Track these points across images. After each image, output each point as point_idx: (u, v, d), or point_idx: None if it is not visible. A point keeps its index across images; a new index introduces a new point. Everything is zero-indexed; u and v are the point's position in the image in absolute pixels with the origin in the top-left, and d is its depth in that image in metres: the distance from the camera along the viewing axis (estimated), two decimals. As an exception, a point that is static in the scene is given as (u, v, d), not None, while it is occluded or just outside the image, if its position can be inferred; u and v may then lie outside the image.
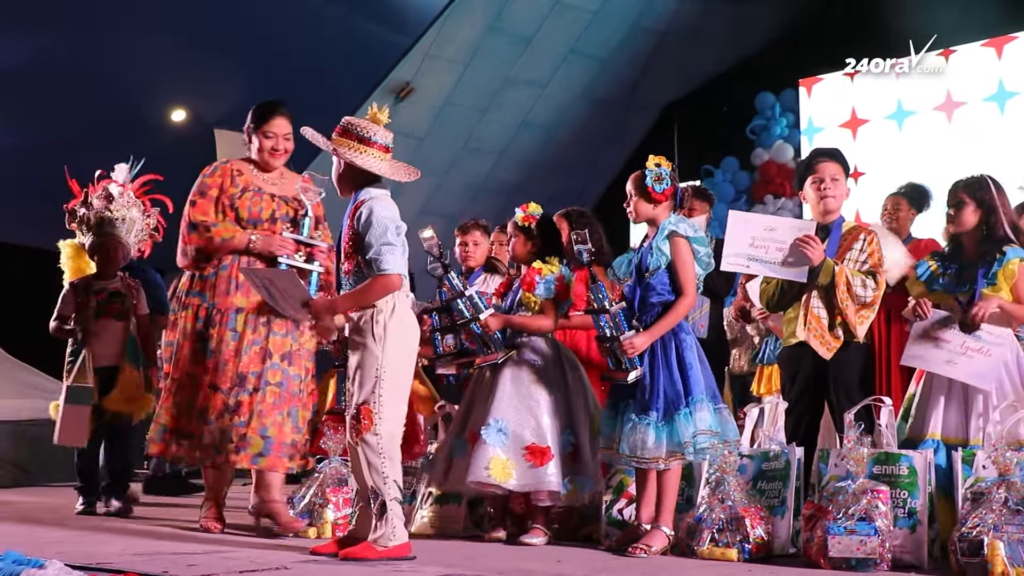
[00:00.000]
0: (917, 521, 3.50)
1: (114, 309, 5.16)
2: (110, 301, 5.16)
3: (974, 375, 3.75)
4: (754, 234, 4.02)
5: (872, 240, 4.07)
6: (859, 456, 3.47)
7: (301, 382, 4.17)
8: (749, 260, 4.04)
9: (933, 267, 4.01)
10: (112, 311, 5.14)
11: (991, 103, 8.78)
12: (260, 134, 4.27)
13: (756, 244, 4.01)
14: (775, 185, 10.24)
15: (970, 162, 8.19)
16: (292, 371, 4.14)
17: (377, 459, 3.35)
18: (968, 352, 3.75)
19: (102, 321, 5.11)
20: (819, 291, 4.02)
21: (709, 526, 3.61)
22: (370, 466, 3.36)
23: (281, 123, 4.28)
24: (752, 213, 4.77)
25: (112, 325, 5.12)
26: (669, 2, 10.14)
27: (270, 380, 4.08)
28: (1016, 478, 3.27)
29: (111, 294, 5.19)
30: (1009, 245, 3.86)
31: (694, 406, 3.64)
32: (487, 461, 3.91)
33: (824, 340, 4.00)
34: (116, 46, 8.60)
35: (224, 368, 4.05)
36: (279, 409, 4.08)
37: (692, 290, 3.76)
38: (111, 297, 5.18)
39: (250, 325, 4.10)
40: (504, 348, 4.05)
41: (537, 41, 9.82)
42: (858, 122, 9.57)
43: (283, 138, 4.28)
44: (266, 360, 4.08)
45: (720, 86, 11.09)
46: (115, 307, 5.16)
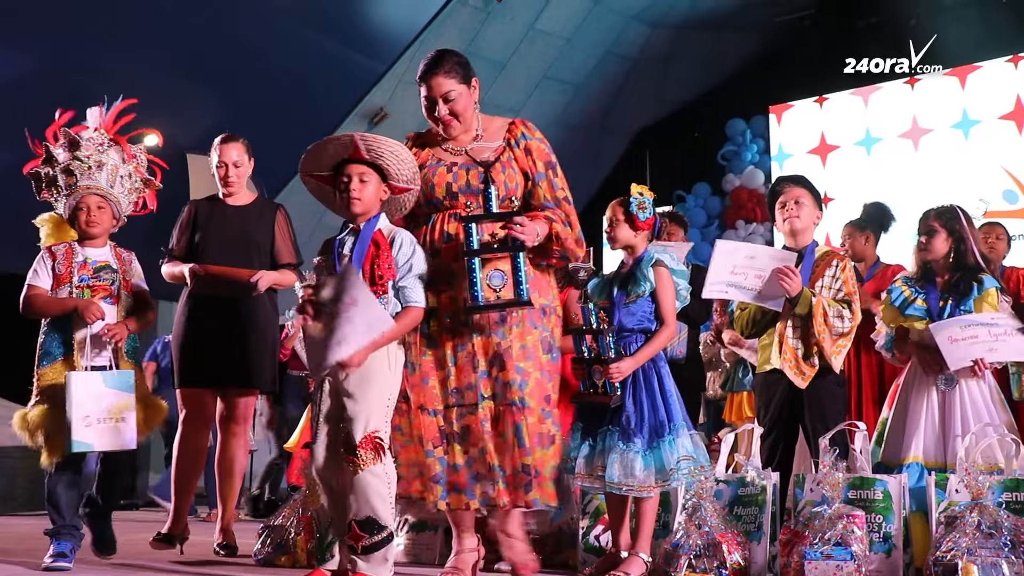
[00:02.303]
0: (892, 545, 3.52)
1: (103, 288, 3.98)
2: (98, 277, 3.99)
3: (1018, 351, 3.90)
4: (736, 262, 4.06)
5: (845, 267, 4.11)
6: (834, 481, 3.50)
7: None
8: (728, 286, 4.08)
9: (906, 293, 4.07)
10: (101, 290, 3.97)
11: (956, 130, 8.94)
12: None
13: (736, 271, 4.05)
14: (746, 210, 10.36)
15: (936, 187, 8.38)
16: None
17: (385, 489, 3.19)
18: (999, 337, 3.87)
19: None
20: (793, 320, 4.05)
21: (686, 552, 3.60)
22: (378, 497, 3.18)
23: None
24: (738, 243, 4.81)
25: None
26: (641, 29, 10.27)
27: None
28: (988, 502, 3.31)
29: (98, 268, 4.01)
30: (983, 274, 3.98)
31: (675, 432, 3.64)
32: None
33: (799, 370, 4.04)
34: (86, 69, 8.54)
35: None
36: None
37: (673, 320, 3.78)
38: (99, 272, 4.00)
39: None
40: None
41: (511, 67, 9.90)
42: (827, 148, 9.71)
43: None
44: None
45: (692, 112, 11.23)
46: (104, 285, 3.99)
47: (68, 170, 4.05)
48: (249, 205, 4.65)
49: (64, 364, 3.88)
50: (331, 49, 9.20)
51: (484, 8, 9.27)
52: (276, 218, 4.63)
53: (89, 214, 4.00)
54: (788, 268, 3.99)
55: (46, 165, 4.10)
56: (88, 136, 4.11)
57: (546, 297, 3.54)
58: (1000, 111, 8.73)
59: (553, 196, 3.52)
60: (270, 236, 4.58)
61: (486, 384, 3.37)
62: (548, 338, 3.49)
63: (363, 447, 3.16)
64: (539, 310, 3.46)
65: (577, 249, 3.58)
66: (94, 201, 4.02)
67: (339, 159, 3.35)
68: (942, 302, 3.98)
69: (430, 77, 3.50)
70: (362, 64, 9.35)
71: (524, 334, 3.41)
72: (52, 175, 4.09)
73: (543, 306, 3.50)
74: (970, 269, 3.99)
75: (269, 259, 4.56)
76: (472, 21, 9.36)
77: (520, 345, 3.40)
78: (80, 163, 4.04)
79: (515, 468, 3.35)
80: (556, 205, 3.52)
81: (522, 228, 3.30)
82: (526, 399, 3.36)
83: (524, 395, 3.36)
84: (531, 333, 3.43)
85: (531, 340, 3.42)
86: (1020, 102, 8.64)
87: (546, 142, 3.61)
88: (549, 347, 3.48)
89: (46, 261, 3.98)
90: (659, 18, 10.19)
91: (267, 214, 4.62)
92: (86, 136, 4.11)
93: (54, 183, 4.10)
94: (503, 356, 3.37)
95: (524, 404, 3.35)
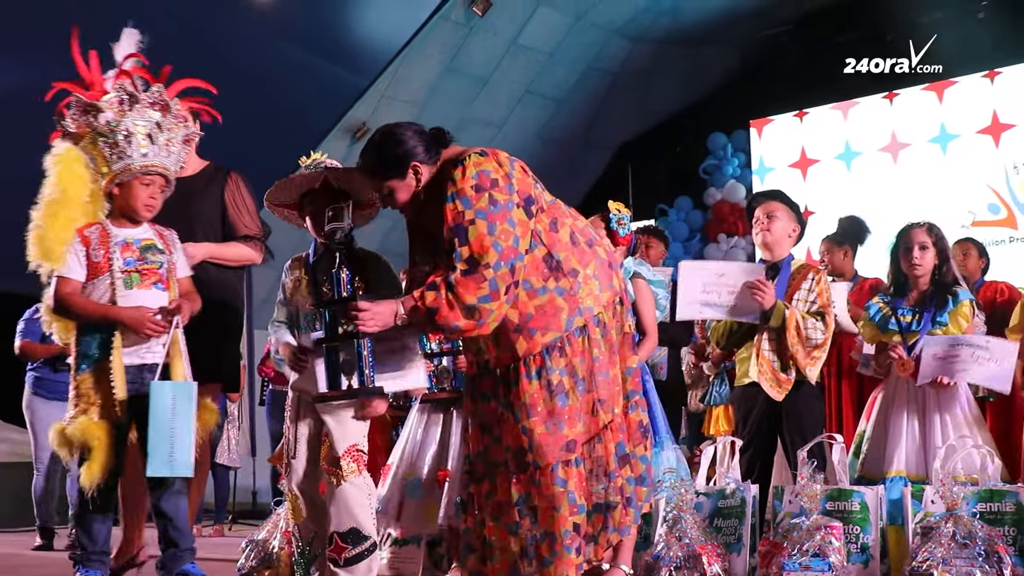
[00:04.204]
0: (870, 556, 3.56)
1: (151, 271, 3.32)
2: (144, 259, 3.33)
3: (990, 378, 3.92)
4: (706, 280, 4.08)
5: (820, 279, 4.15)
6: (812, 493, 3.54)
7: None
8: (702, 306, 4.10)
9: (884, 309, 4.11)
10: (150, 274, 3.32)
11: (935, 145, 9.04)
12: None
13: (708, 290, 4.07)
14: (728, 224, 10.42)
15: (915, 201, 8.46)
16: None
17: (367, 500, 3.26)
18: (980, 360, 3.89)
19: (136, 294, 3.29)
20: (769, 333, 4.08)
21: (667, 564, 3.63)
22: (360, 507, 3.24)
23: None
24: (703, 261, 4.88)
25: (153, 301, 3.29)
26: (623, 44, 10.34)
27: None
28: (963, 512, 3.35)
29: (144, 248, 3.35)
30: (958, 287, 4.05)
31: (660, 446, 3.68)
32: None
33: (775, 383, 4.07)
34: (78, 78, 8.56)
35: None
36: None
37: (654, 331, 3.82)
38: (144, 254, 3.34)
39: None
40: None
41: (493, 82, 9.94)
42: (808, 162, 9.79)
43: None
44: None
45: (674, 126, 11.29)
46: (153, 268, 3.32)
47: (122, 133, 3.31)
48: (194, 175, 3.90)
49: (103, 367, 3.24)
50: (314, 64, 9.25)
51: (466, 24, 9.32)
52: (226, 185, 3.93)
53: (152, 195, 3.37)
54: (760, 281, 4.02)
55: (87, 115, 3.35)
56: (150, 96, 3.39)
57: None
58: (977, 126, 8.84)
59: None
60: (219, 207, 3.90)
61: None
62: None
63: (345, 459, 3.21)
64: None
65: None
66: (159, 182, 3.40)
67: (305, 189, 3.39)
68: (917, 315, 4.03)
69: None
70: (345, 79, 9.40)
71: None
72: (101, 129, 3.32)
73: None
74: (948, 284, 4.06)
75: (220, 234, 3.89)
76: (454, 37, 9.41)
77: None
78: (134, 127, 3.33)
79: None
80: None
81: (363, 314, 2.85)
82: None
83: None
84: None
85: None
86: (996, 117, 8.75)
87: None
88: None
89: (78, 248, 3.29)
90: (641, 33, 10.26)
91: (216, 182, 3.93)
92: (146, 98, 3.39)
93: (100, 136, 3.33)
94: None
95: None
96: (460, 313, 2.78)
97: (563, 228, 2.97)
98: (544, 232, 2.93)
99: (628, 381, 3.05)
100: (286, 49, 9.02)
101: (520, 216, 2.86)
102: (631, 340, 3.09)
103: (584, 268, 2.94)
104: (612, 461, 2.92)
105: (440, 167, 2.94)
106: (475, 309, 2.78)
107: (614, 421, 2.94)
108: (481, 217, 2.81)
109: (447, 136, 2.99)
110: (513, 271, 2.81)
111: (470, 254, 2.80)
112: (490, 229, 2.80)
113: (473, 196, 2.82)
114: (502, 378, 2.91)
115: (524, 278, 2.86)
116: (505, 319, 2.87)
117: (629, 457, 2.97)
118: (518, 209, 2.86)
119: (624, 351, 3.05)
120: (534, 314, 2.88)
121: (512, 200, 2.85)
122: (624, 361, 3.04)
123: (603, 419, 2.91)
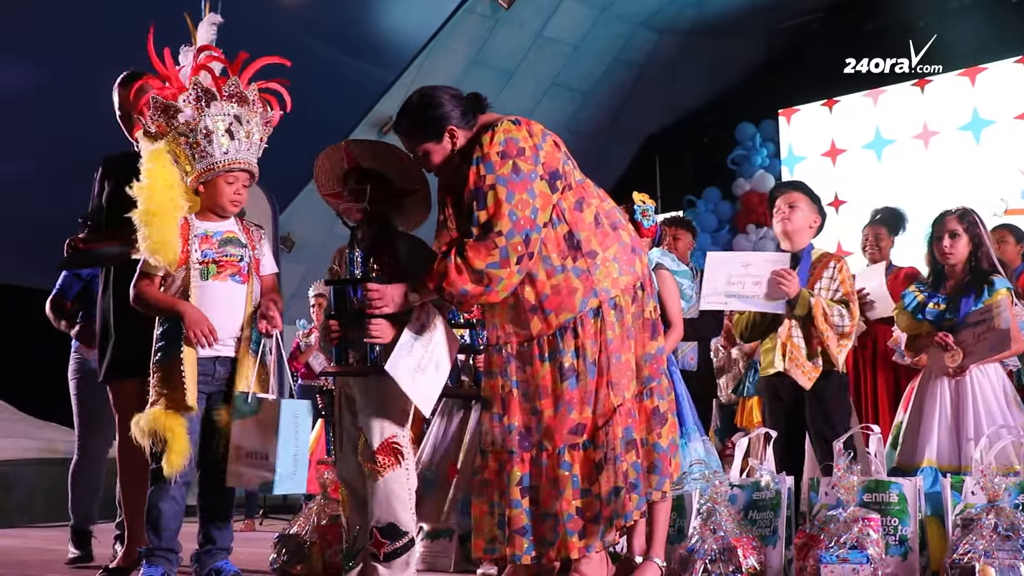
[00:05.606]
0: (908, 548, 3.51)
1: (230, 263, 3.36)
2: (223, 251, 3.36)
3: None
4: (731, 271, 4.09)
5: (842, 268, 4.15)
6: (849, 484, 3.49)
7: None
8: (727, 296, 4.12)
9: (920, 297, 4.07)
10: (228, 266, 3.36)
11: (966, 132, 8.91)
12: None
13: (733, 281, 4.09)
14: (757, 215, 10.33)
15: (947, 189, 8.34)
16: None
17: (405, 493, 3.20)
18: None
19: (211, 285, 3.31)
20: (796, 322, 4.08)
21: (702, 557, 3.60)
22: (399, 502, 3.18)
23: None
24: (728, 252, 4.87)
25: (228, 293, 3.33)
26: (649, 35, 10.28)
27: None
28: (1005, 503, 3.29)
29: (224, 240, 3.38)
30: (995, 275, 3.97)
31: (688, 437, 3.65)
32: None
33: (804, 370, 4.05)
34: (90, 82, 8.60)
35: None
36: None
37: (680, 322, 3.80)
38: (224, 246, 3.37)
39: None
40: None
41: (519, 74, 9.92)
42: (837, 151, 9.68)
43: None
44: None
45: (700, 117, 11.23)
46: (232, 260, 3.36)
47: (201, 132, 3.30)
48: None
49: (175, 357, 3.25)
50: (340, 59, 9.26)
51: (492, 16, 9.30)
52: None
53: (237, 191, 3.38)
54: (784, 270, 4.02)
55: (166, 115, 3.32)
56: (227, 89, 3.35)
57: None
58: (1011, 112, 8.70)
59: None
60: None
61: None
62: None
63: (381, 453, 3.18)
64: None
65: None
66: (244, 178, 3.40)
67: (339, 172, 3.30)
68: (952, 304, 3.97)
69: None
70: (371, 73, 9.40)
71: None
72: (180, 129, 3.30)
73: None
74: (984, 272, 4.00)
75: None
76: (480, 29, 9.39)
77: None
78: (217, 122, 3.32)
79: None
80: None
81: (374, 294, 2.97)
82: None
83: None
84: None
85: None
86: (1031, 102, 8.61)
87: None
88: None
89: None
90: (666, 24, 10.20)
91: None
92: (229, 90, 3.35)
93: (179, 138, 3.31)
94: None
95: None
96: (468, 277, 2.81)
97: (588, 208, 2.97)
98: (568, 210, 2.93)
99: (645, 367, 3.04)
100: (312, 44, 9.03)
101: (542, 188, 2.87)
102: (651, 326, 3.07)
103: (604, 251, 2.94)
104: (618, 445, 2.92)
105: (475, 132, 2.98)
106: (483, 274, 2.80)
107: (623, 405, 2.94)
108: (502, 184, 2.83)
109: (484, 101, 3.02)
110: (528, 242, 2.82)
111: (487, 219, 2.81)
112: (508, 197, 2.82)
113: (497, 162, 2.85)
114: (518, 355, 2.93)
115: (545, 254, 2.87)
116: (522, 298, 2.92)
117: (638, 443, 2.96)
118: (541, 181, 2.87)
119: (643, 336, 3.03)
120: (550, 294, 2.90)
121: (536, 171, 2.88)
122: (643, 347, 3.03)
123: (613, 402, 2.90)
